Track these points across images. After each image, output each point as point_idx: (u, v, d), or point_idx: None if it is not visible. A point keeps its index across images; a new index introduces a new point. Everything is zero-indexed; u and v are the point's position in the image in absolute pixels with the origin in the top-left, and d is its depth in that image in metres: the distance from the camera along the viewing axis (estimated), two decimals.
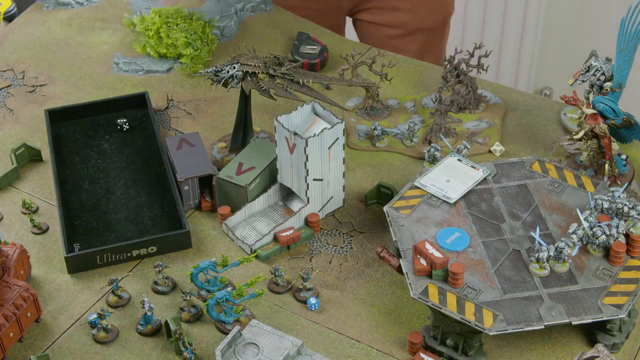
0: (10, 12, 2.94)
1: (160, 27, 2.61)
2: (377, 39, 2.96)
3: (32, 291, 1.93)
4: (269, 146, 2.26)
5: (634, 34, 2.14)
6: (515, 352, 1.89)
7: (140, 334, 1.95)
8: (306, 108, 2.17)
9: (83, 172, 2.32)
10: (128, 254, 2.09)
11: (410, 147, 2.36)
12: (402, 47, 2.93)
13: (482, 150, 2.35)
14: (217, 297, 1.93)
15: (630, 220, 1.92)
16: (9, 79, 2.63)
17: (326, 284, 2.05)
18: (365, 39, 3.02)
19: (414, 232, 1.97)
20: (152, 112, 2.42)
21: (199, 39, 2.59)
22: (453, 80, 2.40)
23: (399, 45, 2.94)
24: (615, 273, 1.88)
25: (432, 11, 2.98)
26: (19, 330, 1.91)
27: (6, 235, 2.16)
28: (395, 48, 2.87)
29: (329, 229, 2.18)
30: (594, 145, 2.17)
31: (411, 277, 1.87)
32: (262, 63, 2.20)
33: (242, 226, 2.16)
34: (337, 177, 2.17)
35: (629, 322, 1.90)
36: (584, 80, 2.15)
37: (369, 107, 2.47)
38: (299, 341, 1.83)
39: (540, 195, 2.06)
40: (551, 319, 1.79)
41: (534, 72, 4.24)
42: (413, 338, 1.87)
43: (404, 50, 2.91)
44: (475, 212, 2.02)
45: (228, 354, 1.81)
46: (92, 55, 2.70)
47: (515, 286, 1.85)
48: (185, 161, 2.22)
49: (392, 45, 2.91)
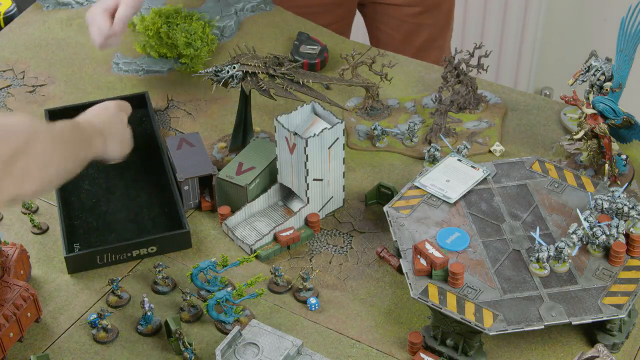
0: (10, 12, 2.94)
1: (160, 27, 2.61)
2: (397, 20, 2.97)
3: (32, 291, 1.93)
4: (269, 146, 2.26)
5: (634, 34, 2.13)
6: (515, 352, 1.89)
7: (140, 334, 1.95)
8: (306, 108, 2.17)
9: (83, 172, 2.31)
10: (128, 254, 2.09)
11: (410, 147, 2.36)
12: (422, 22, 2.97)
13: (482, 150, 2.35)
14: (217, 297, 1.93)
15: (630, 220, 1.92)
16: (9, 79, 2.63)
17: (326, 284, 2.05)
18: (383, 20, 3.01)
19: (414, 232, 1.97)
20: (152, 112, 2.42)
21: (199, 39, 2.59)
22: (453, 80, 2.40)
23: (419, 21, 2.97)
24: (615, 273, 1.88)
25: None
26: (19, 330, 1.91)
27: (6, 235, 2.16)
28: (416, 25, 2.92)
29: (329, 229, 2.18)
30: (594, 145, 2.17)
31: (411, 277, 1.87)
32: (262, 63, 2.20)
33: (242, 226, 2.16)
34: (337, 177, 2.17)
35: (629, 322, 1.90)
36: (584, 80, 2.15)
37: (369, 107, 2.47)
38: (299, 341, 1.83)
39: (540, 195, 2.06)
40: (551, 319, 1.79)
41: (534, 72, 4.24)
42: (413, 338, 1.87)
43: (424, 24, 2.96)
44: (475, 212, 2.03)
45: (228, 354, 1.81)
46: (92, 55, 2.70)
47: (515, 286, 1.85)
48: (185, 161, 2.22)
49: (413, 23, 2.96)
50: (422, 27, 2.98)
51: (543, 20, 4.07)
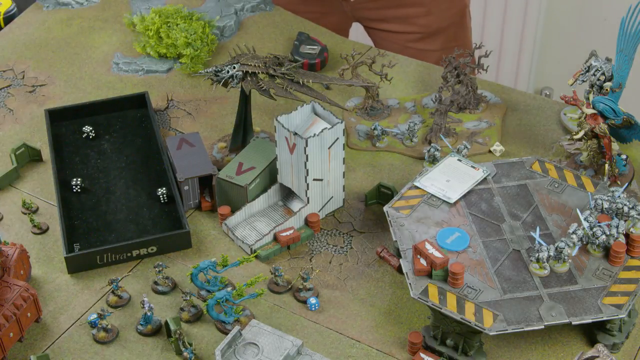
0: (10, 12, 2.94)
1: (160, 27, 2.60)
2: (398, 45, 2.89)
3: (32, 291, 1.93)
4: (269, 146, 2.26)
5: (634, 34, 2.13)
6: (515, 352, 1.89)
7: (140, 334, 1.95)
8: (306, 108, 2.17)
9: (83, 172, 2.32)
10: (128, 254, 2.09)
11: (410, 147, 2.36)
12: (425, 48, 2.89)
13: (482, 150, 2.35)
14: (217, 297, 1.93)
15: (630, 220, 1.92)
16: (9, 79, 2.63)
17: (326, 284, 2.05)
18: (384, 46, 2.92)
19: (414, 232, 1.97)
20: (152, 112, 2.42)
21: (199, 39, 2.59)
22: (453, 80, 2.40)
23: (421, 47, 2.89)
24: (615, 273, 1.88)
25: (446, 9, 2.90)
26: (19, 330, 1.91)
27: (6, 235, 2.16)
28: (419, 51, 2.84)
29: (329, 229, 2.18)
30: (594, 145, 2.17)
31: (411, 277, 1.87)
32: (262, 63, 2.20)
33: (242, 226, 2.16)
34: (337, 177, 2.17)
35: (629, 322, 1.90)
36: (584, 80, 2.15)
37: (369, 107, 2.47)
38: (299, 341, 1.83)
39: (540, 195, 2.06)
40: (551, 319, 1.79)
41: (534, 72, 4.24)
42: (413, 338, 1.87)
43: (428, 50, 2.87)
44: (475, 212, 2.03)
45: (228, 354, 1.81)
46: (92, 55, 2.70)
47: (515, 286, 1.85)
48: (185, 161, 2.22)
49: (415, 49, 2.87)
50: (426, 53, 2.87)
51: (543, 20, 4.07)
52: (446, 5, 2.90)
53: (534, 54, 4.16)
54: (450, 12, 2.91)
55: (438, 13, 2.87)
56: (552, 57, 4.19)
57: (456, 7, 2.95)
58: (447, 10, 2.90)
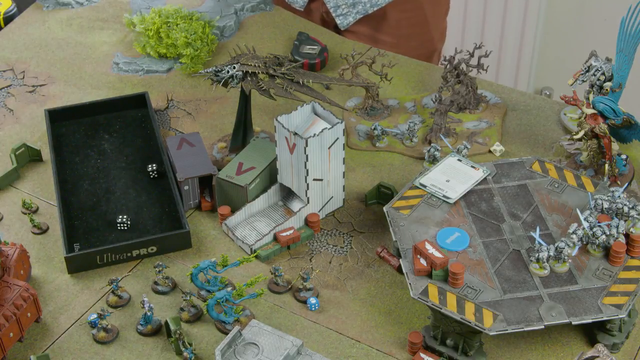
0: (10, 12, 2.94)
1: (160, 27, 2.61)
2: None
3: (32, 291, 1.93)
4: (269, 146, 2.26)
5: (634, 34, 2.14)
6: (515, 352, 1.89)
7: (140, 334, 1.95)
8: (306, 108, 2.17)
9: (83, 172, 2.32)
10: (128, 254, 2.09)
11: (410, 147, 2.36)
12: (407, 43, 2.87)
13: (482, 150, 2.35)
14: (217, 297, 1.93)
15: (630, 220, 1.92)
16: (9, 79, 2.63)
17: (326, 284, 2.05)
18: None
19: (414, 232, 1.97)
20: (152, 112, 2.42)
21: (199, 39, 2.59)
22: (453, 80, 2.40)
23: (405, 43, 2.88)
24: (615, 273, 1.88)
25: (413, 48, 2.88)
26: (19, 330, 1.91)
27: (6, 235, 2.16)
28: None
29: (329, 229, 2.18)
30: (594, 145, 2.17)
31: (411, 277, 1.87)
32: (262, 63, 2.21)
33: (242, 226, 2.16)
34: (337, 177, 2.17)
35: (629, 322, 1.90)
36: (584, 80, 2.15)
37: (369, 107, 2.47)
38: (299, 341, 1.83)
39: (540, 195, 2.06)
40: (551, 319, 1.79)
41: (534, 72, 4.24)
42: (413, 338, 1.87)
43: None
44: (475, 212, 2.03)
45: (228, 354, 1.81)
46: (92, 55, 2.70)
47: (515, 286, 1.85)
48: (185, 161, 2.22)
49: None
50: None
51: (543, 20, 4.07)
52: (415, 44, 2.90)
53: (534, 54, 4.16)
54: (418, 52, 2.86)
55: (406, 49, 2.83)
56: (552, 57, 4.19)
57: (426, 48, 2.94)
58: (415, 50, 2.87)
